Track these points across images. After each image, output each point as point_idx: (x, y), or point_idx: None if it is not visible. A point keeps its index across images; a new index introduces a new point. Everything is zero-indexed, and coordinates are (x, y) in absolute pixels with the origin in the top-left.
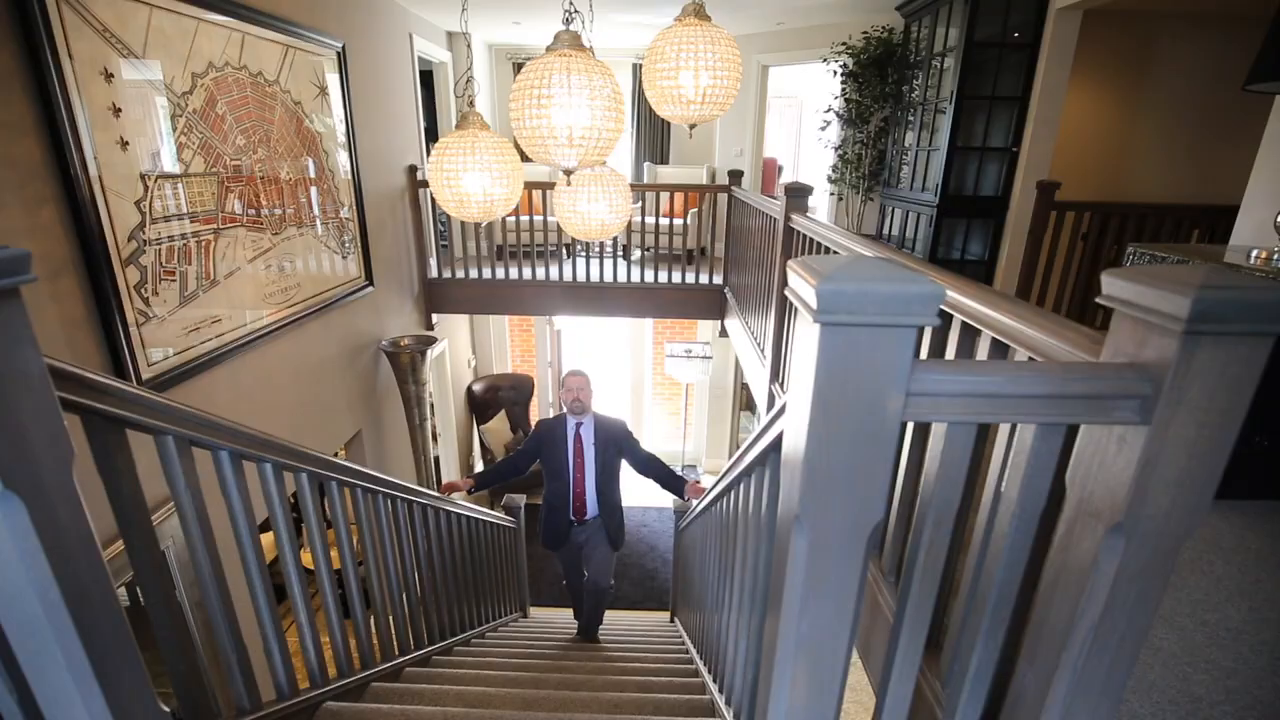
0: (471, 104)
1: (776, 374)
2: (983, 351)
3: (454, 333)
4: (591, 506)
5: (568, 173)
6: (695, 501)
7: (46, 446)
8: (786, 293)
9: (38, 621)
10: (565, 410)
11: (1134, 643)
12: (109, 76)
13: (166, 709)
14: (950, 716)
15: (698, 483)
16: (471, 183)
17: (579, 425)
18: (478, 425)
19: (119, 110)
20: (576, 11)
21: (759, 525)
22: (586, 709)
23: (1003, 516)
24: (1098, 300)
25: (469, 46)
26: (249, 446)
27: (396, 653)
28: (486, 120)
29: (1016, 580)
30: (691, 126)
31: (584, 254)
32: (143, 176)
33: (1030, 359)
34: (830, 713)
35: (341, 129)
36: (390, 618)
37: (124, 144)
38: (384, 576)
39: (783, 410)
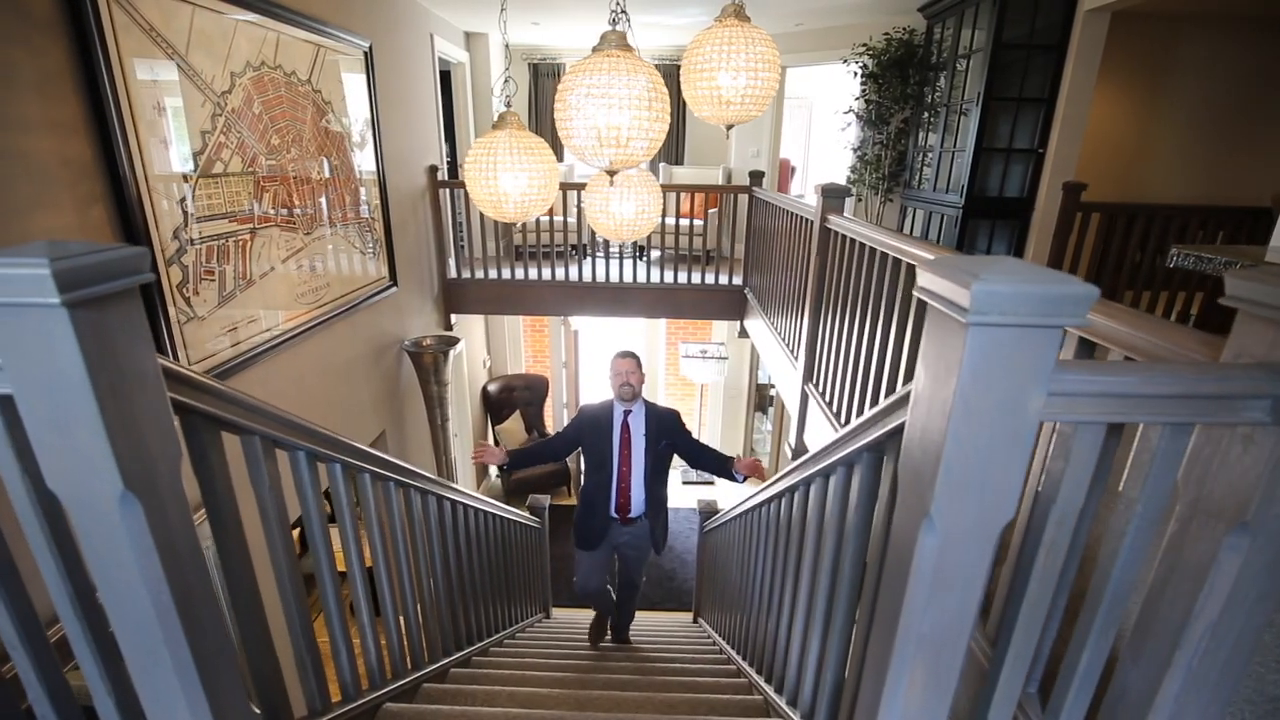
0: (509, 104)
1: (810, 374)
2: (1068, 351)
3: (470, 333)
4: (637, 504)
5: (611, 173)
6: (744, 482)
7: (160, 446)
8: (918, 293)
9: (149, 623)
10: (612, 396)
11: (1251, 641)
12: (155, 75)
13: (257, 710)
14: (1055, 716)
15: (750, 460)
16: (509, 183)
17: (628, 413)
18: (493, 426)
19: (163, 109)
20: (623, 12)
21: (844, 525)
22: (641, 709)
23: (1121, 515)
24: (1220, 301)
25: (507, 47)
26: (323, 447)
27: (441, 654)
28: None
29: (1133, 579)
30: (728, 127)
31: (602, 255)
32: (185, 176)
33: (1126, 359)
34: (944, 713)
35: (368, 129)
36: (438, 618)
37: (168, 143)
38: (433, 576)
39: (882, 415)
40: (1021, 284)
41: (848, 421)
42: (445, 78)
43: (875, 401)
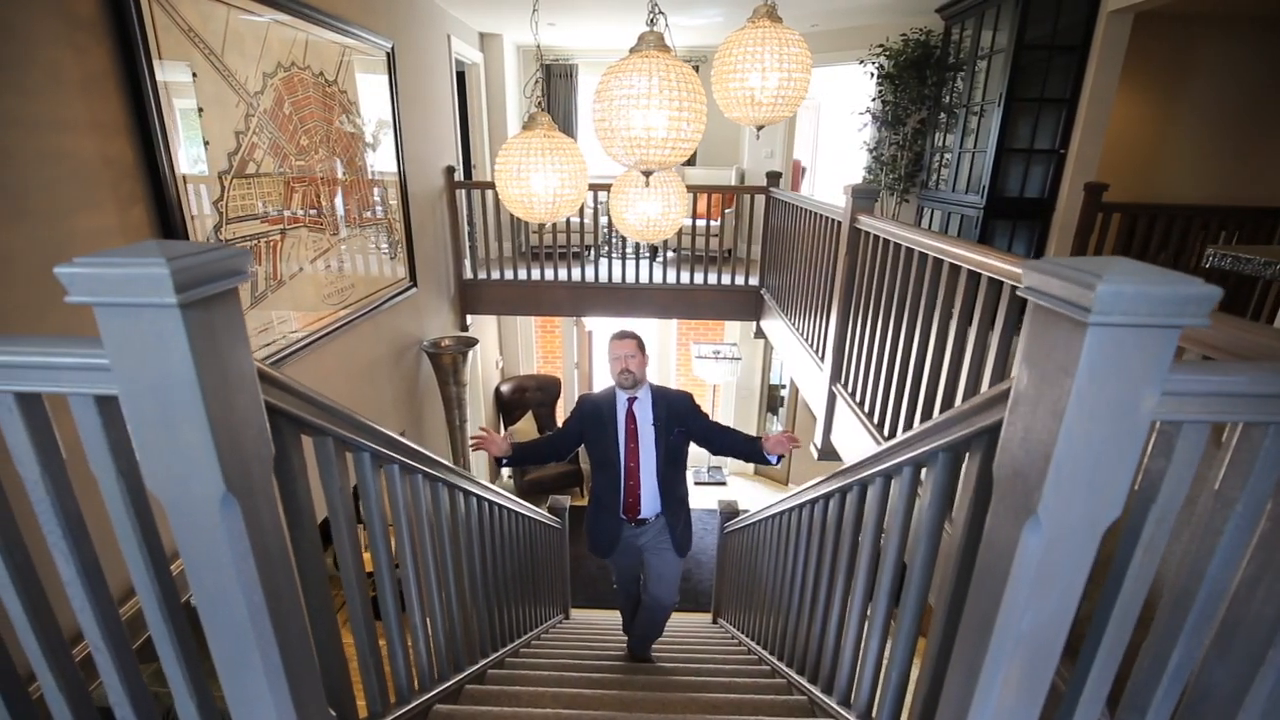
0: (540, 104)
1: (839, 375)
2: None
3: (483, 334)
4: (650, 504)
5: (647, 174)
6: (774, 457)
7: (254, 448)
8: (1025, 294)
9: (242, 625)
10: (613, 384)
11: None
12: (193, 76)
13: (333, 712)
14: (1141, 714)
15: (783, 435)
16: (539, 183)
17: (631, 401)
18: (505, 427)
19: (200, 110)
20: (661, 13)
21: (908, 524)
22: (686, 710)
23: (1218, 515)
24: None
25: (539, 48)
26: (385, 447)
27: (479, 655)
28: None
29: (1229, 578)
30: (759, 128)
31: (617, 255)
32: (220, 176)
33: (1204, 358)
34: (1036, 711)
35: (390, 130)
36: (477, 618)
37: (204, 143)
38: (473, 576)
39: (967, 416)
40: (1145, 285)
41: (882, 422)
42: (460, 79)
43: (915, 402)
